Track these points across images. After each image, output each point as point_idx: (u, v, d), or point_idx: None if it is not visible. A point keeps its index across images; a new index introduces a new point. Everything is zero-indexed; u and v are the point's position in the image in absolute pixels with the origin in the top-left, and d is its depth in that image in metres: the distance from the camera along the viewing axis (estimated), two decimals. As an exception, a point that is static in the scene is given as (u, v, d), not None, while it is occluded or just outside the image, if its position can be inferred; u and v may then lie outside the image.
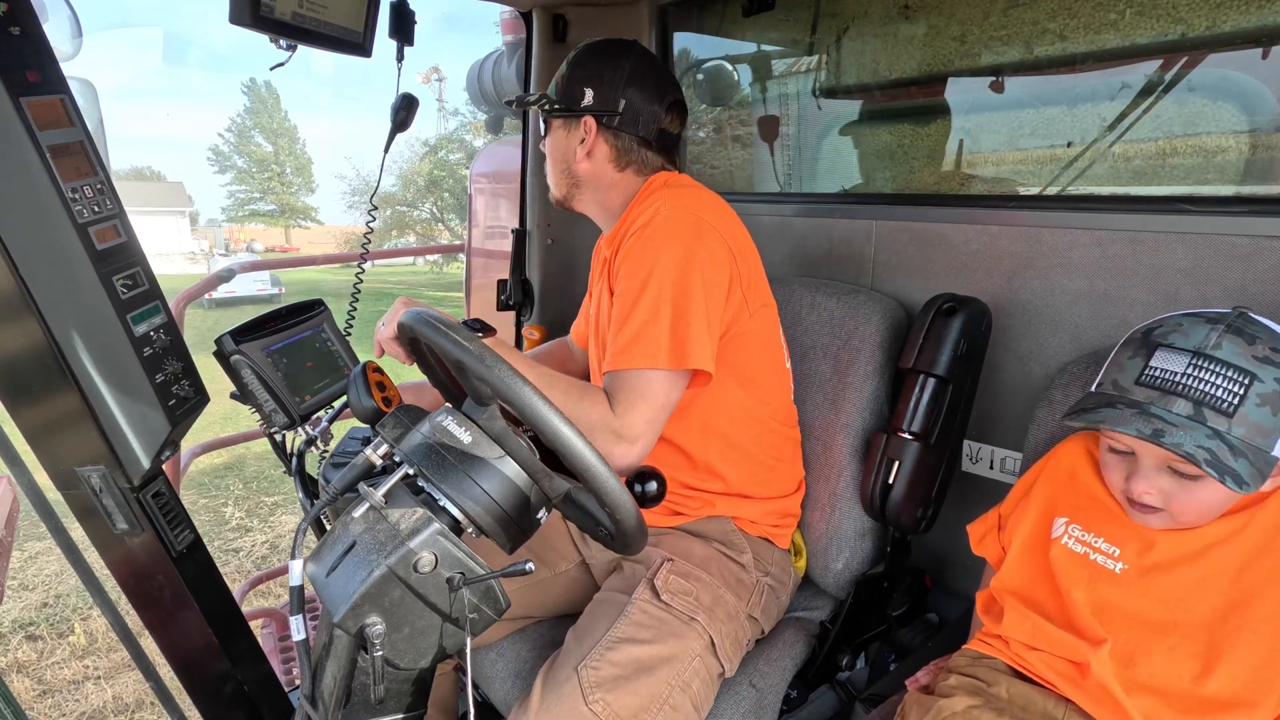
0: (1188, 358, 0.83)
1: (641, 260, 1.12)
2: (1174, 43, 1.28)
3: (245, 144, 40.96)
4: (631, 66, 1.25)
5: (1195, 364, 0.82)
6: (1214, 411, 0.80)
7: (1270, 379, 0.80)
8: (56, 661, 3.09)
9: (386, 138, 1.57)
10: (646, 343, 1.08)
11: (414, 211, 27.91)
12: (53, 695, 2.86)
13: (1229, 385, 0.80)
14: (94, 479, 1.02)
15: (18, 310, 0.93)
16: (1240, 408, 0.80)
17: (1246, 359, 0.81)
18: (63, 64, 0.97)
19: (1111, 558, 0.94)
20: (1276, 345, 0.82)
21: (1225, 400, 0.80)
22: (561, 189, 1.35)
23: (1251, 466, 0.79)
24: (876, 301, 1.42)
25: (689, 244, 1.12)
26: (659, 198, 1.18)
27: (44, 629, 3.35)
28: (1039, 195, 1.49)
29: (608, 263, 1.25)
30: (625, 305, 1.12)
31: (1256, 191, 1.26)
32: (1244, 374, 0.80)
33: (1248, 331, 0.82)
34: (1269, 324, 0.85)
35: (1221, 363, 0.81)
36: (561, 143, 1.30)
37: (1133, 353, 0.89)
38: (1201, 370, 0.82)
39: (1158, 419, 0.82)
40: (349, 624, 0.77)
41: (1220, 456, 0.79)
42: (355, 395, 1.15)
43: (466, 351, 0.76)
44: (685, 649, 1.09)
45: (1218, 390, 0.80)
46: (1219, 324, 0.84)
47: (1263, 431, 0.80)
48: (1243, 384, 0.80)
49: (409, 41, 1.57)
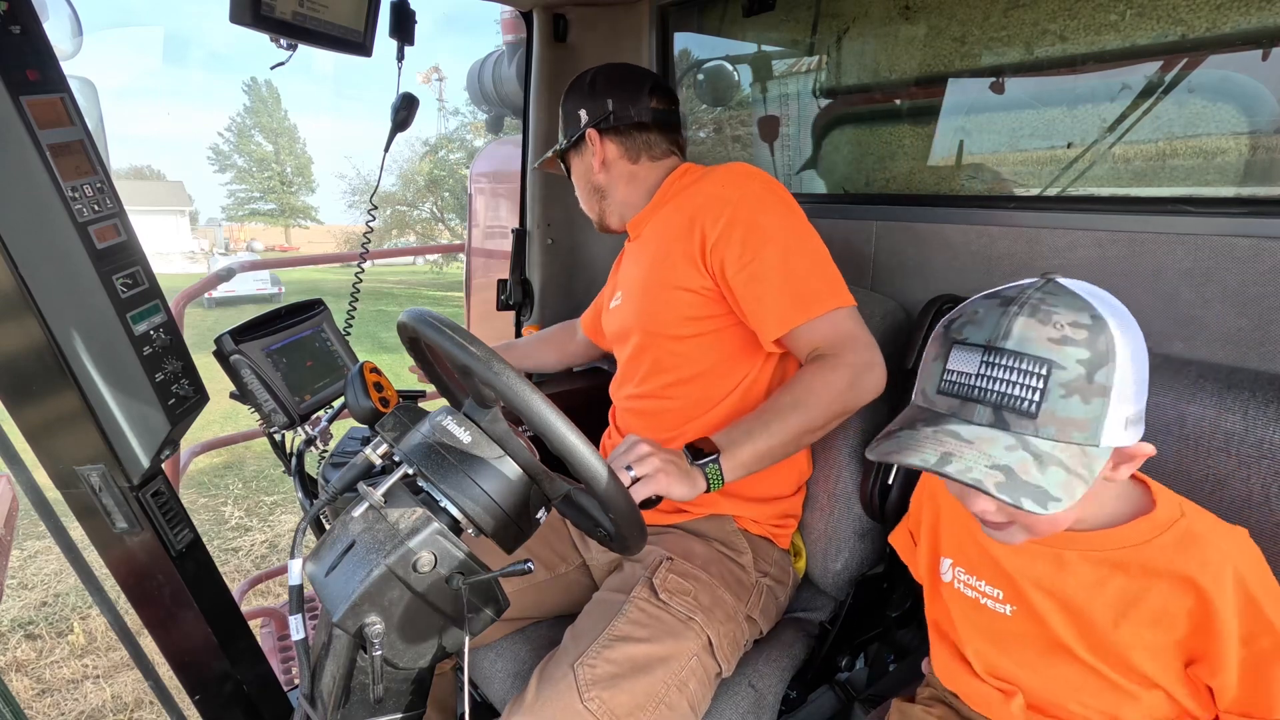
0: (980, 354, 0.70)
1: (754, 225, 1.16)
2: (1174, 44, 1.28)
3: (245, 143, 40.99)
4: (602, 76, 1.36)
5: (987, 360, 0.70)
6: (1015, 414, 0.68)
7: (1072, 361, 0.67)
8: (55, 660, 3.09)
9: (387, 137, 1.57)
10: (813, 290, 1.13)
11: (414, 211, 27.91)
12: (52, 694, 2.86)
13: (1025, 380, 0.68)
14: (93, 478, 1.02)
15: (17, 309, 0.93)
16: (1043, 404, 0.67)
17: (1041, 344, 0.68)
18: (63, 63, 0.97)
19: (997, 600, 0.87)
20: (1079, 318, 0.68)
21: (1024, 399, 0.68)
22: (593, 210, 1.44)
23: (1067, 473, 0.67)
24: (877, 302, 1.42)
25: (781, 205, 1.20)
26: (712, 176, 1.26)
27: (43, 628, 3.34)
28: (1039, 196, 1.49)
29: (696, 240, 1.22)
30: (768, 269, 1.14)
31: (1257, 193, 1.26)
32: (1040, 363, 0.67)
33: (1044, 308, 0.69)
34: (1077, 290, 0.72)
35: (1013, 354, 0.68)
36: (580, 168, 1.41)
37: (936, 352, 0.76)
38: (994, 368, 0.69)
39: (950, 438, 0.70)
40: (348, 623, 0.77)
41: (1018, 474, 0.67)
42: (353, 396, 1.15)
43: (471, 355, 0.76)
44: (682, 649, 1.09)
45: (1014, 389, 0.68)
46: (1012, 304, 0.70)
47: (1076, 425, 0.67)
48: (1040, 375, 0.67)
49: (409, 41, 1.57)
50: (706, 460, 1.02)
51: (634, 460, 0.98)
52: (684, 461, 1.02)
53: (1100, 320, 0.68)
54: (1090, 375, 0.67)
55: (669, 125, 1.38)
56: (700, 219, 1.20)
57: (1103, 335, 0.68)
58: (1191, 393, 1.04)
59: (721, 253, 1.17)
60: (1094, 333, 0.68)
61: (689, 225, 1.22)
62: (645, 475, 0.97)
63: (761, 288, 1.14)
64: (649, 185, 1.37)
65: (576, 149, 1.40)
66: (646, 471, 0.97)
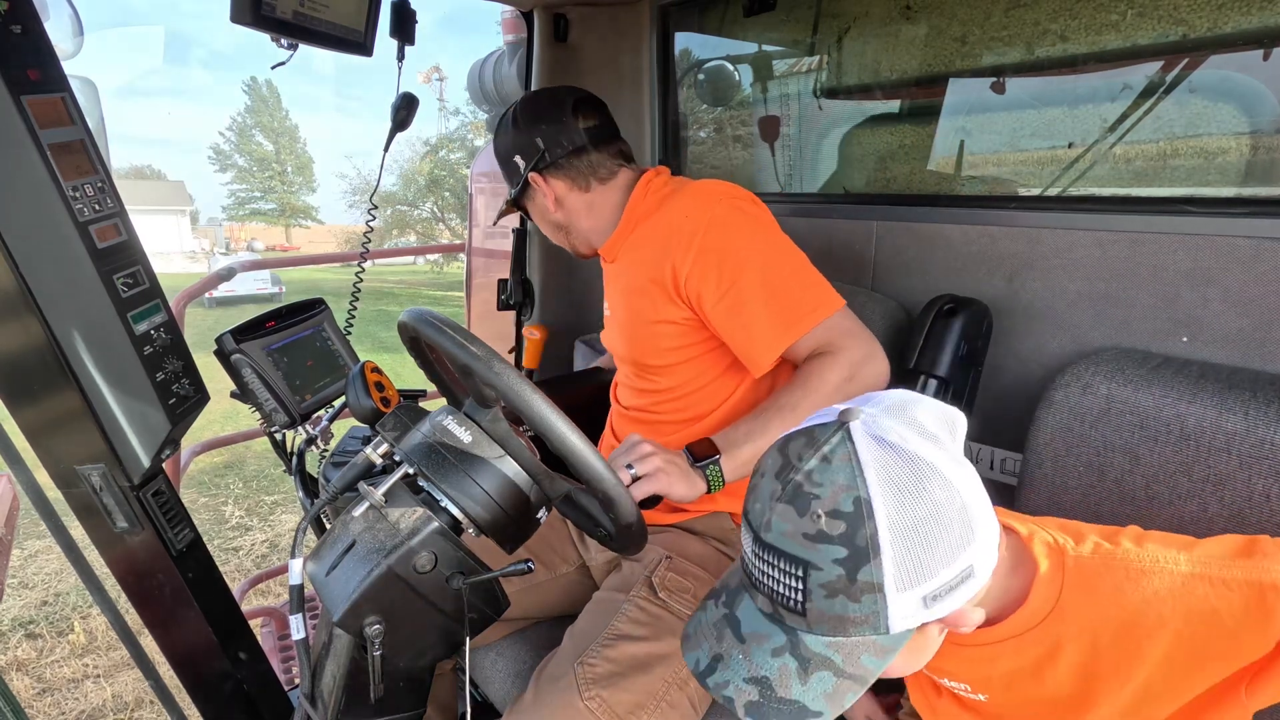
0: (751, 542, 0.65)
1: (727, 252, 1.12)
2: (1175, 44, 1.28)
3: (246, 143, 41.01)
4: (523, 113, 1.29)
5: (756, 551, 0.64)
6: (787, 610, 0.63)
7: (828, 561, 0.59)
8: (56, 660, 3.09)
9: (387, 137, 1.57)
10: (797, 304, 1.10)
11: (415, 211, 27.94)
12: (52, 693, 2.86)
13: (787, 580, 0.62)
14: (94, 477, 1.02)
15: (18, 308, 0.93)
16: (807, 604, 0.61)
17: (797, 541, 0.60)
18: (64, 62, 0.97)
19: (970, 691, 0.82)
20: (840, 504, 0.59)
21: (790, 598, 0.62)
22: (564, 243, 1.40)
23: (838, 678, 0.62)
24: (877, 302, 1.42)
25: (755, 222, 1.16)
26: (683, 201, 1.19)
27: (44, 627, 3.35)
28: (1040, 196, 1.49)
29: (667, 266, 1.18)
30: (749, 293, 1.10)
31: (1258, 193, 1.26)
32: (796, 563, 0.61)
33: (806, 489, 0.61)
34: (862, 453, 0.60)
35: (773, 550, 0.62)
36: (536, 211, 1.37)
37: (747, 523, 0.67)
38: (761, 561, 0.64)
39: (730, 629, 0.67)
40: (348, 623, 0.77)
41: (775, 688, 0.62)
42: (354, 395, 1.15)
43: (472, 355, 0.76)
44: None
45: (779, 586, 0.62)
46: (782, 475, 0.63)
47: (852, 622, 0.61)
48: (798, 576, 0.61)
49: (410, 41, 1.57)
50: (707, 462, 1.01)
51: (635, 459, 0.97)
52: (684, 462, 1.01)
53: (862, 506, 0.59)
54: (852, 575, 0.59)
55: (606, 139, 1.29)
56: (671, 251, 1.15)
57: (862, 529, 0.58)
58: (1192, 393, 1.04)
59: (697, 285, 1.12)
60: (853, 525, 0.59)
61: (660, 257, 1.17)
62: (646, 474, 0.96)
63: (746, 317, 1.10)
64: (610, 209, 1.30)
65: (526, 195, 1.34)
66: (648, 470, 0.96)
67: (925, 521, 0.59)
